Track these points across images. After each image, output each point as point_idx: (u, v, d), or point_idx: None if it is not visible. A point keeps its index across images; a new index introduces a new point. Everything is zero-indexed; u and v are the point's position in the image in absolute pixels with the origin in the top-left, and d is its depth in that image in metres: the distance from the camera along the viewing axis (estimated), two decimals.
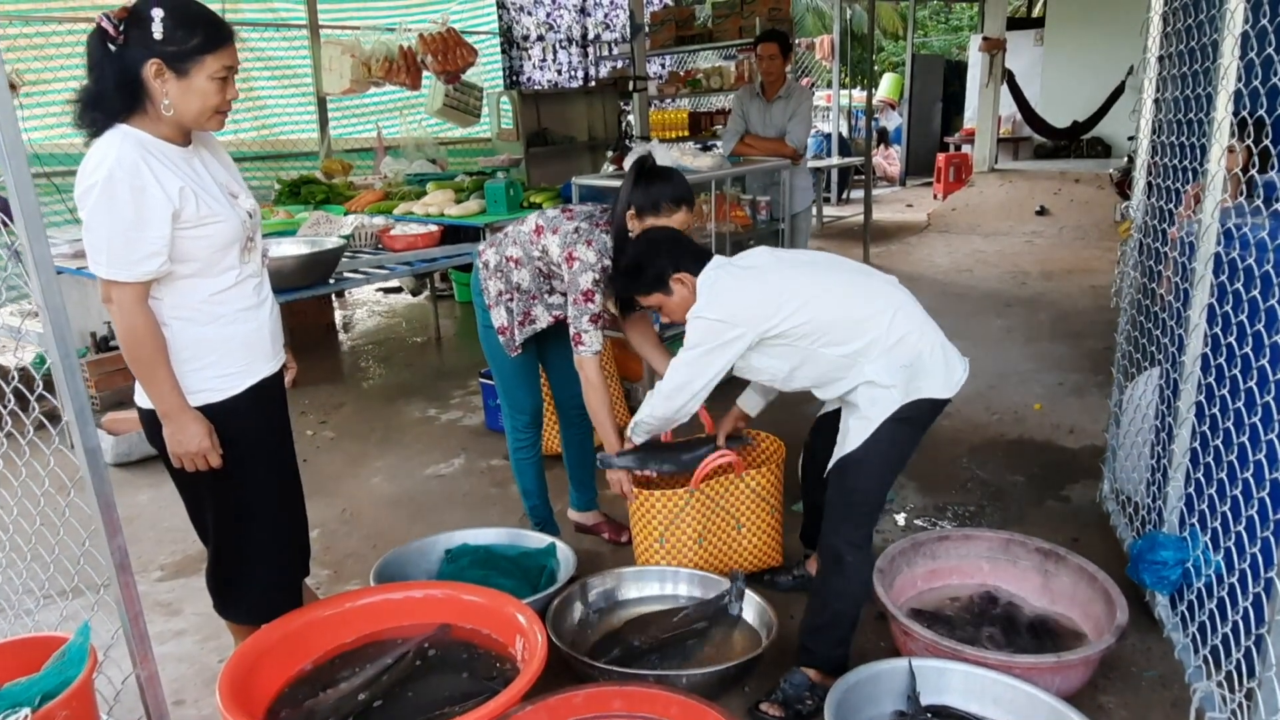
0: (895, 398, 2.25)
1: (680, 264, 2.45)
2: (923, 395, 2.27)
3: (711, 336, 2.32)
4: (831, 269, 2.46)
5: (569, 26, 10.01)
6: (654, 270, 2.47)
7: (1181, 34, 2.45)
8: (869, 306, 2.30)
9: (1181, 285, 2.31)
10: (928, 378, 2.28)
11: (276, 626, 2.32)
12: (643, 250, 2.54)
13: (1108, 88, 10.25)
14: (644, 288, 2.52)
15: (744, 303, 2.32)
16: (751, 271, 2.40)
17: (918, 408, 2.28)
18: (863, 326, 2.27)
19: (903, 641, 2.48)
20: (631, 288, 2.58)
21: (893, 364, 2.26)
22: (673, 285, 2.46)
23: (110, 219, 1.84)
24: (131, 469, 4.19)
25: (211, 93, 1.92)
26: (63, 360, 1.71)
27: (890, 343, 2.26)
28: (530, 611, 2.31)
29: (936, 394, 2.29)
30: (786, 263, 2.44)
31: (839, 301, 2.32)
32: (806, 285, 2.33)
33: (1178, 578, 2.27)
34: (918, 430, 2.37)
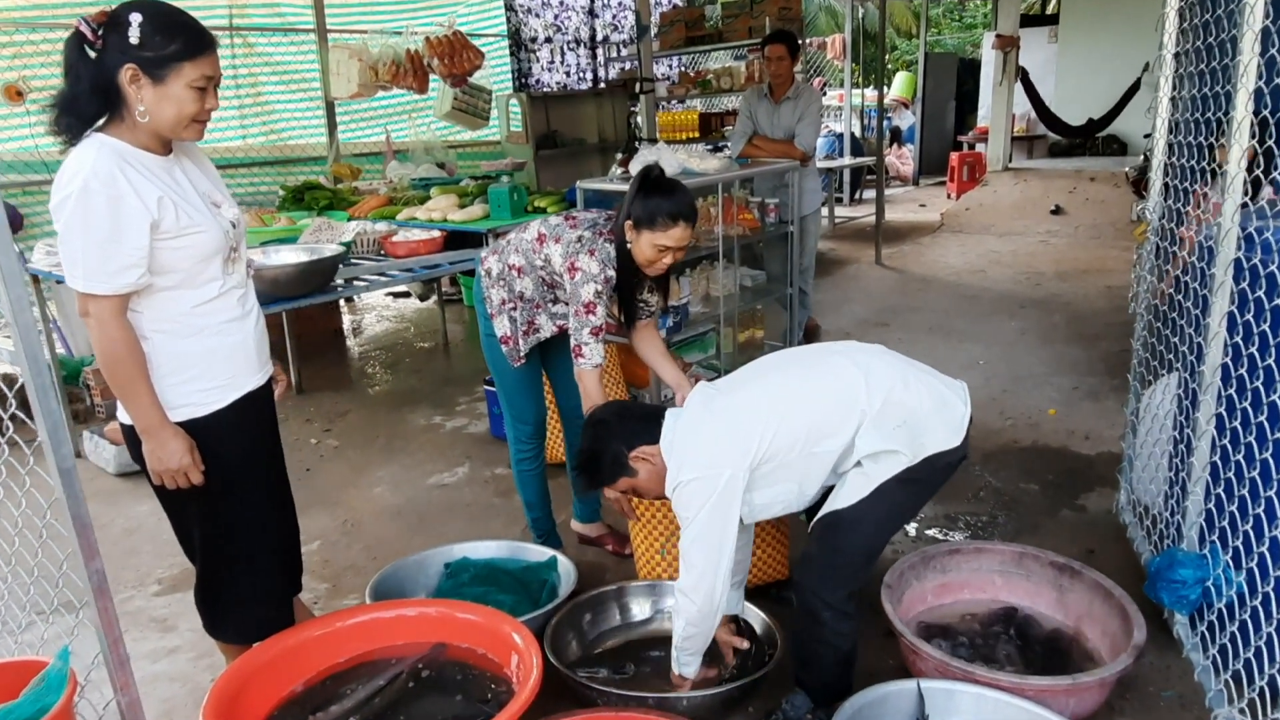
0: (902, 461, 2.09)
1: (634, 439, 2.27)
2: (929, 452, 2.11)
3: (705, 493, 2.09)
4: (778, 369, 2.30)
5: (577, 28, 9.96)
6: (610, 455, 2.29)
7: (1199, 30, 2.36)
8: (837, 386, 2.16)
9: (1201, 291, 2.22)
10: (928, 431, 2.12)
11: (266, 647, 2.27)
12: (590, 439, 2.35)
13: (1123, 85, 10.12)
14: (607, 478, 2.33)
15: (715, 442, 2.13)
16: (704, 411, 2.22)
17: (928, 467, 2.13)
18: (842, 409, 2.12)
19: (911, 660, 2.40)
20: (595, 483, 2.38)
21: (886, 428, 2.10)
22: (634, 465, 2.28)
23: (86, 230, 1.79)
24: (134, 479, 4.14)
25: (188, 101, 1.86)
26: (35, 379, 1.66)
27: (875, 410, 2.10)
28: (527, 631, 2.24)
29: (943, 445, 2.13)
30: (731, 387, 2.28)
31: (803, 397, 2.17)
32: (766, 395, 2.19)
33: (1197, 597, 2.18)
34: (924, 491, 2.23)
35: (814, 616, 2.19)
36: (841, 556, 2.18)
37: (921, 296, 6.96)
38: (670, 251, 2.60)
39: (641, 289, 2.83)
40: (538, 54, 9.60)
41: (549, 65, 9.73)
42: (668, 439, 2.22)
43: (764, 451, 2.10)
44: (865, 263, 8.28)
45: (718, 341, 4.99)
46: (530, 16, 9.45)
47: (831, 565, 2.18)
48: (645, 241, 2.59)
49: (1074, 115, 10.56)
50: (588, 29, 10.02)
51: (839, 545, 2.17)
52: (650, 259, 2.62)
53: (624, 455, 2.27)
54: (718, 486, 2.07)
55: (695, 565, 2.15)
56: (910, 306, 6.66)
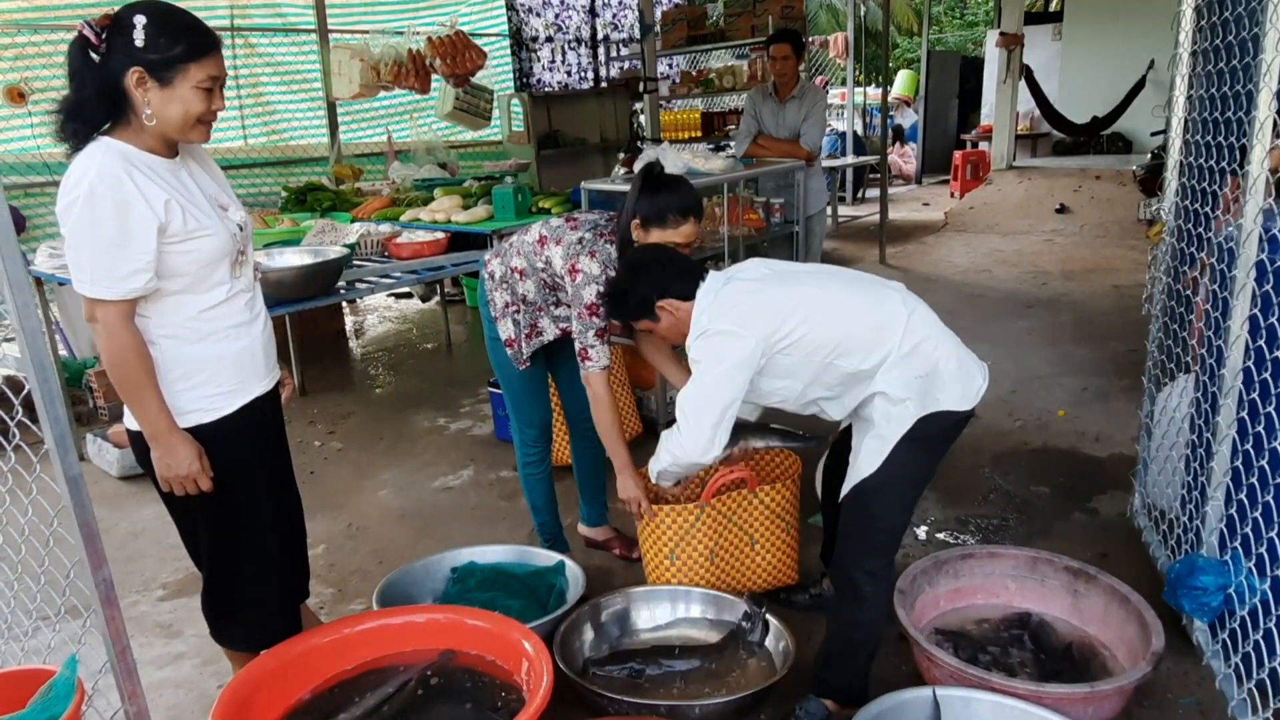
0: (911, 411, 2.11)
1: (666, 289, 2.33)
2: (940, 408, 2.12)
3: (722, 353, 2.16)
4: (836, 277, 2.32)
5: (578, 27, 9.93)
6: (637, 297, 2.38)
7: (1218, 28, 2.32)
8: (879, 313, 2.17)
9: (1220, 294, 2.18)
10: (944, 389, 2.13)
11: (273, 654, 2.24)
12: (626, 275, 2.45)
13: (1128, 82, 10.08)
14: (629, 314, 2.44)
15: (752, 312, 2.18)
16: (753, 283, 2.26)
17: (936, 423, 2.14)
18: (875, 335, 2.14)
19: (926, 667, 2.37)
20: (617, 314, 2.51)
21: (908, 375, 2.12)
22: (659, 312, 2.35)
23: (93, 235, 1.76)
24: (138, 482, 4.12)
25: (195, 102, 1.84)
26: (41, 386, 1.63)
27: (904, 351, 2.12)
28: (537, 639, 2.21)
29: (954, 406, 2.14)
30: (788, 273, 2.32)
31: (848, 309, 2.19)
32: (813, 293, 2.21)
33: (1219, 604, 2.15)
34: (938, 449, 2.24)
35: (855, 592, 2.21)
36: (877, 522, 2.20)
37: (927, 296, 6.74)
38: (680, 247, 2.58)
39: None
40: (539, 53, 9.56)
41: (550, 65, 9.70)
42: (709, 292, 2.26)
43: (792, 340, 2.14)
44: (869, 262, 8.25)
45: None
46: (531, 16, 9.41)
47: (869, 532, 2.21)
48: (654, 239, 2.57)
49: (1078, 113, 10.52)
50: (589, 28, 9.98)
51: (873, 513, 2.19)
52: None
53: (651, 300, 2.34)
54: (735, 349, 2.14)
55: (693, 420, 2.24)
56: None
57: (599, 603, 2.72)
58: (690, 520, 2.70)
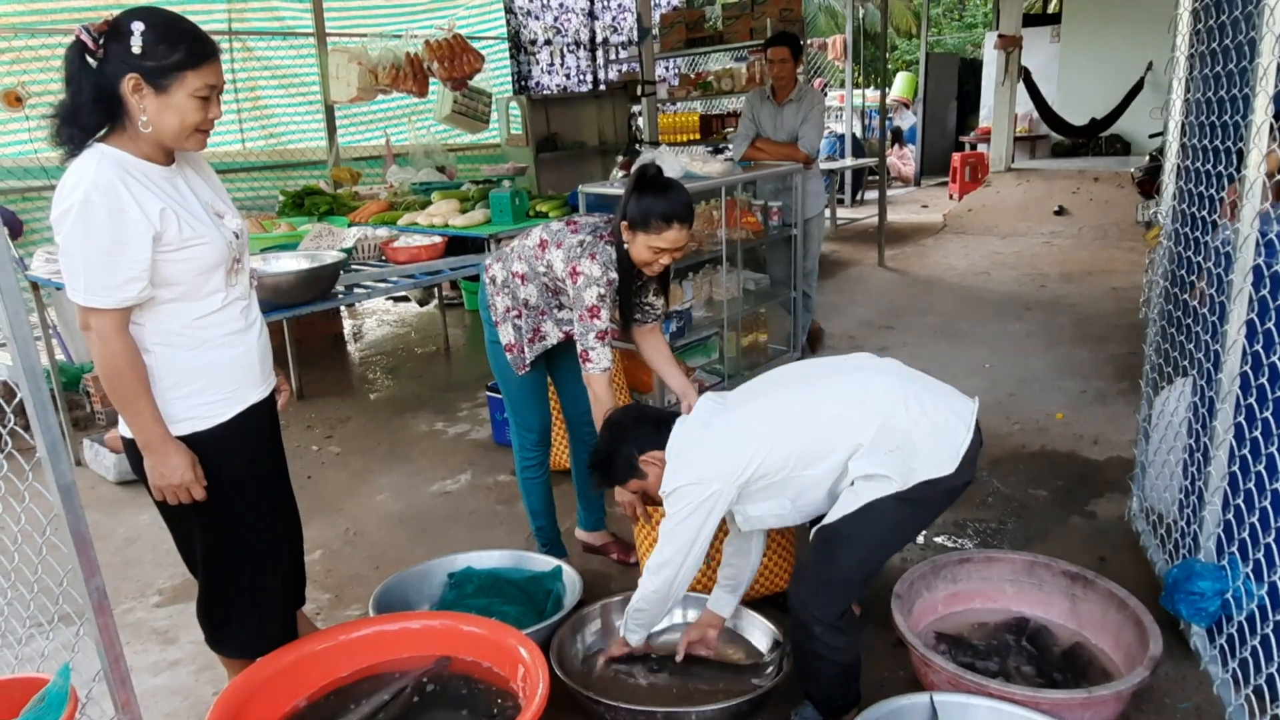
0: (893, 485, 2.07)
1: (645, 443, 2.35)
2: (919, 478, 2.07)
3: (690, 502, 2.16)
4: (780, 387, 2.31)
5: (576, 30, 9.93)
6: (622, 458, 2.38)
7: (1215, 31, 2.32)
8: (833, 408, 2.17)
9: (1218, 298, 2.18)
10: (920, 457, 2.08)
11: (268, 662, 2.24)
12: (606, 440, 2.45)
13: (1126, 84, 10.09)
14: (620, 478, 2.43)
15: (707, 459, 2.18)
16: (705, 423, 2.27)
17: (925, 490, 2.09)
18: (835, 433, 2.13)
19: (924, 673, 2.36)
20: (607, 482, 2.49)
21: (878, 452, 2.08)
22: (644, 468, 2.35)
23: (87, 243, 1.76)
24: (134, 487, 4.11)
25: (191, 110, 1.83)
26: (33, 394, 1.62)
27: (870, 435, 2.09)
28: (534, 646, 2.21)
29: (936, 472, 2.08)
30: (735, 402, 2.32)
31: (802, 416, 2.19)
32: (759, 419, 2.21)
33: (1216, 609, 2.15)
34: (923, 513, 2.19)
35: (805, 629, 2.19)
36: (834, 571, 2.15)
37: (926, 299, 6.92)
38: (666, 252, 2.56)
39: (646, 292, 2.79)
40: (537, 56, 9.56)
41: (549, 68, 9.70)
42: (673, 446, 2.28)
43: (753, 471, 2.14)
44: (868, 264, 8.25)
45: (720, 346, 4.96)
46: (530, 19, 9.41)
47: (824, 580, 2.16)
48: (641, 243, 2.55)
49: (1076, 115, 10.52)
50: (587, 31, 9.98)
51: (833, 560, 2.15)
52: (646, 260, 2.59)
53: (635, 458, 2.36)
54: (701, 497, 2.15)
55: (664, 553, 2.25)
56: (915, 309, 6.62)
57: (595, 608, 2.71)
58: None
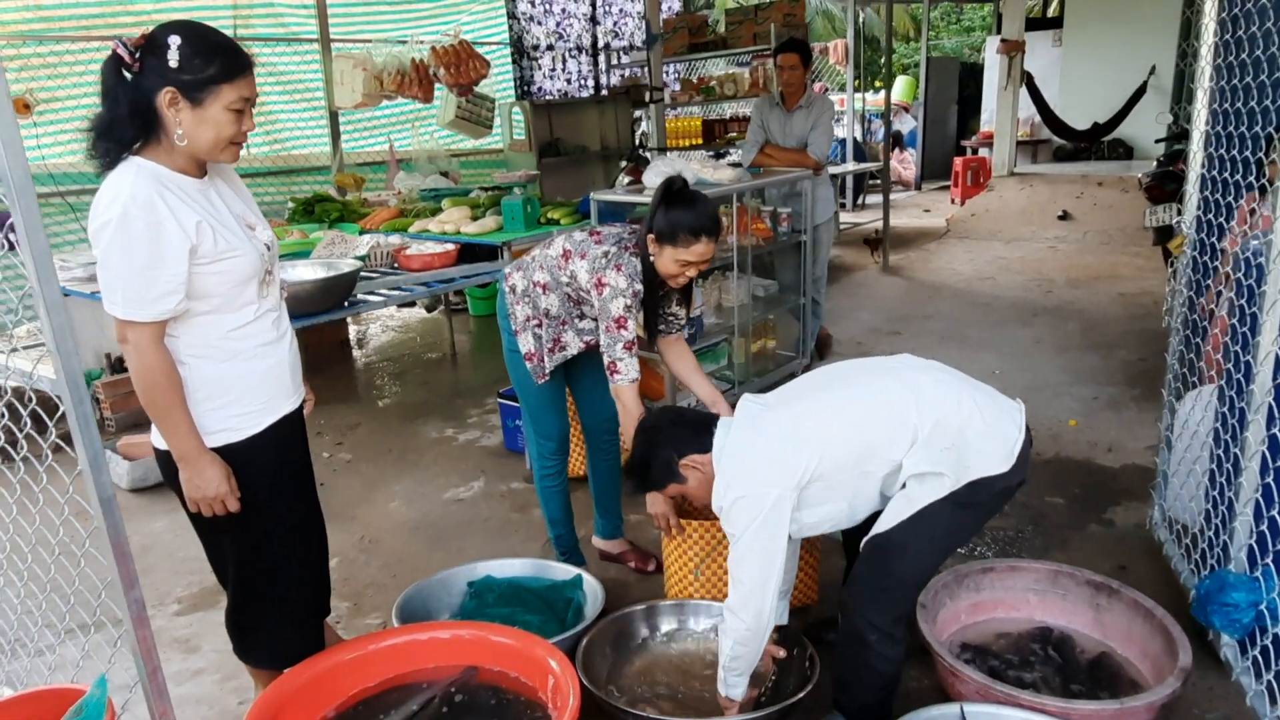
0: (946, 484, 2.05)
1: (684, 447, 2.28)
2: (973, 476, 2.04)
3: (752, 512, 2.07)
4: (832, 386, 2.26)
5: (579, 35, 9.92)
6: (660, 463, 2.31)
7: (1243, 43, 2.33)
8: (888, 407, 2.12)
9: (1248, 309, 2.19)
10: (976, 455, 2.05)
11: (298, 672, 2.24)
12: (642, 444, 2.38)
13: (1129, 89, 10.11)
14: (655, 483, 2.38)
15: (764, 463, 2.11)
16: (754, 426, 2.20)
17: (979, 491, 2.06)
18: (893, 430, 2.08)
19: (950, 683, 2.36)
20: (642, 487, 2.45)
21: (933, 450, 2.05)
22: (685, 472, 2.29)
23: (126, 257, 1.76)
24: (147, 495, 4.11)
25: (226, 124, 1.84)
26: (76, 408, 1.62)
27: (925, 433, 2.05)
28: (563, 657, 2.21)
29: (992, 470, 2.05)
30: (780, 403, 2.26)
31: (857, 416, 2.14)
32: (816, 415, 2.16)
33: (1250, 621, 2.15)
34: (978, 516, 2.17)
35: (860, 639, 2.16)
36: (890, 579, 2.13)
37: (932, 304, 6.93)
38: (693, 265, 2.58)
39: (669, 302, 2.80)
40: (540, 61, 9.56)
41: (551, 73, 9.69)
42: (718, 451, 2.21)
43: (812, 472, 2.08)
44: (872, 269, 8.26)
45: (730, 352, 4.96)
46: (532, 24, 9.41)
47: (880, 588, 2.14)
48: (668, 256, 2.57)
49: (1079, 119, 10.54)
50: (589, 36, 9.98)
51: (889, 568, 2.12)
52: (673, 273, 2.61)
53: (674, 462, 2.29)
54: (765, 506, 2.06)
55: (743, 583, 2.13)
56: (921, 314, 6.63)
57: (619, 617, 2.71)
58: (718, 537, 2.69)
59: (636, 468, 2.39)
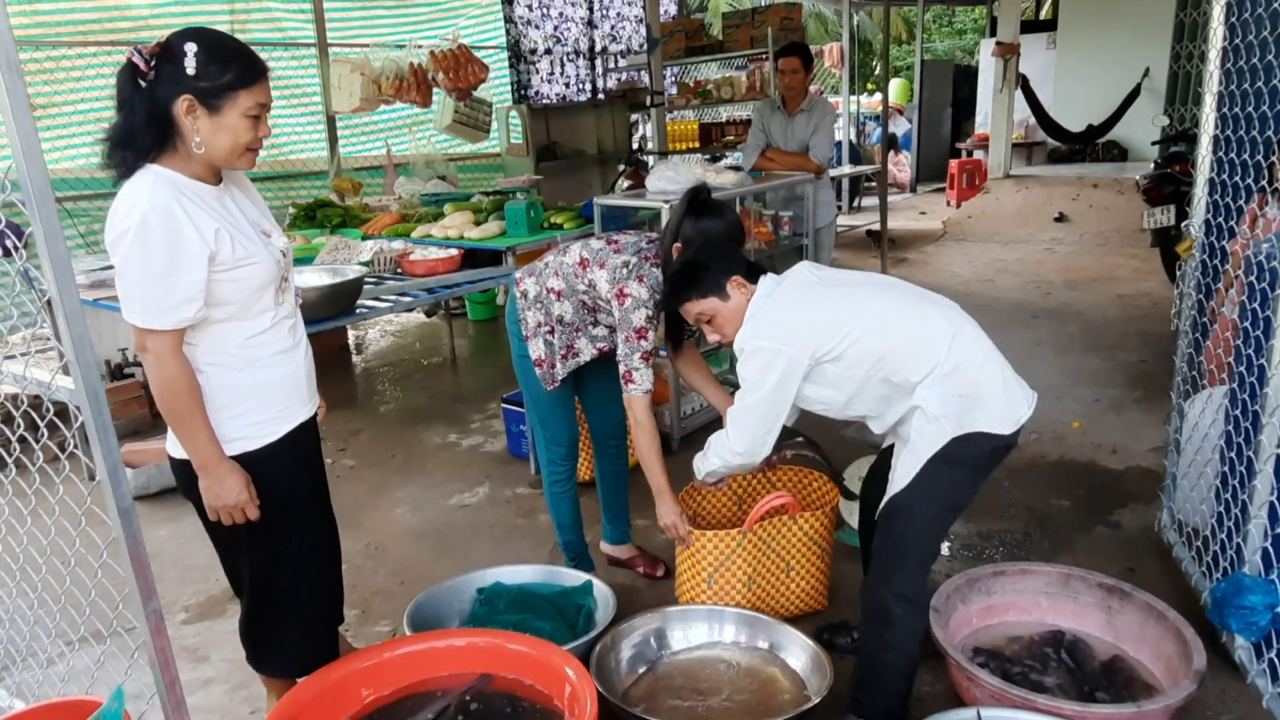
0: (946, 430, 2.10)
1: (736, 266, 2.33)
2: (978, 428, 2.10)
3: (768, 368, 2.17)
4: (885, 288, 2.33)
5: (576, 39, 9.92)
6: (716, 268, 2.33)
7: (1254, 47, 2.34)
8: (924, 329, 2.17)
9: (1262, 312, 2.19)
10: (984, 410, 2.11)
11: (313, 681, 2.22)
12: (701, 249, 2.45)
13: (1123, 90, 10.13)
14: (701, 290, 2.35)
15: (795, 325, 2.18)
16: (798, 292, 2.27)
17: (974, 445, 2.11)
18: (919, 351, 2.14)
19: (965, 687, 2.37)
20: (687, 292, 2.39)
21: (947, 393, 2.11)
22: (730, 289, 2.31)
23: (144, 265, 1.75)
24: (150, 502, 4.08)
25: (244, 130, 1.84)
26: (95, 418, 1.61)
27: (946, 370, 2.11)
28: (579, 664, 2.20)
29: (993, 428, 2.11)
30: (835, 281, 2.31)
31: (893, 324, 2.19)
32: (859, 306, 2.21)
33: (1267, 623, 2.16)
34: (974, 474, 2.21)
35: (884, 615, 2.19)
36: (906, 542, 2.19)
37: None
38: None
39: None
40: (537, 65, 9.55)
41: (548, 77, 9.68)
42: (762, 295, 2.27)
43: (836, 353, 2.15)
44: (871, 272, 8.25)
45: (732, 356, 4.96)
46: (530, 28, 9.40)
47: (898, 553, 2.20)
48: None
49: (1073, 121, 10.56)
50: (587, 40, 9.98)
51: (902, 532, 2.19)
52: None
53: (725, 276, 2.30)
54: (781, 364, 2.15)
55: (745, 431, 2.30)
56: None
57: (633, 624, 2.70)
58: (731, 546, 2.69)
59: (686, 271, 2.39)
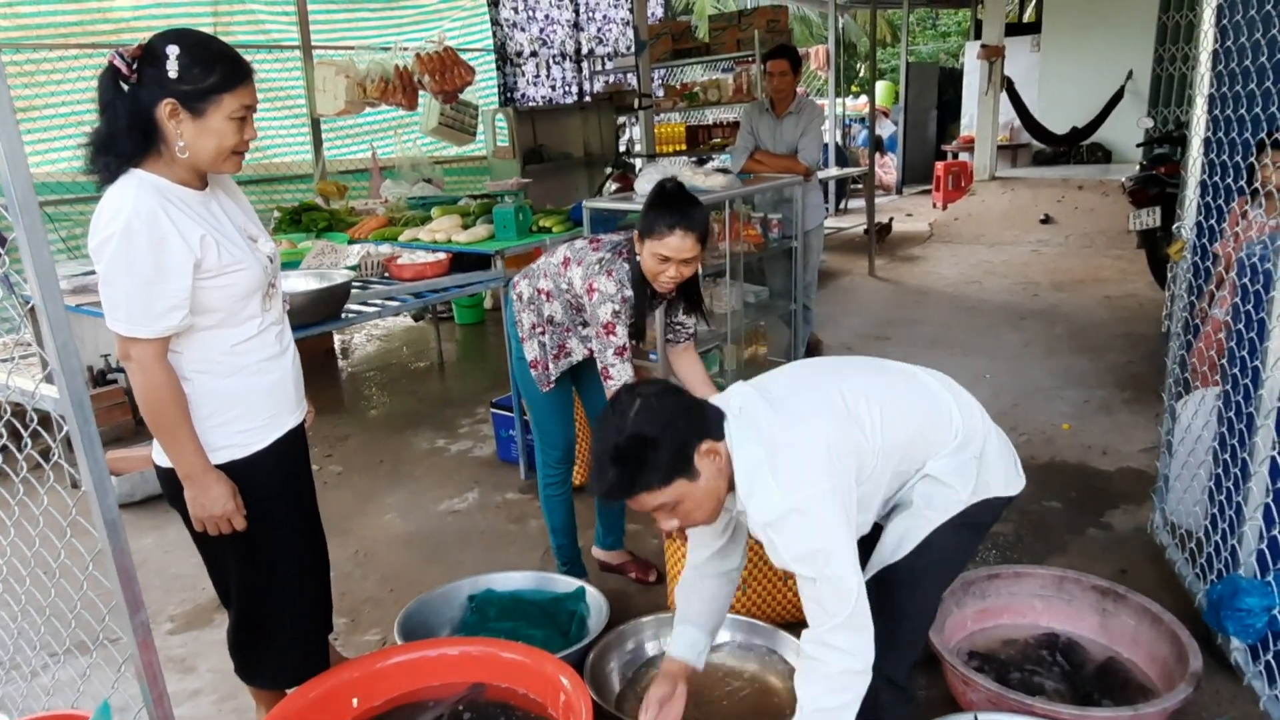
0: (962, 497, 1.83)
1: (703, 429, 1.69)
2: (991, 494, 1.88)
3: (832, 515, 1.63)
4: (862, 370, 1.98)
5: (562, 41, 9.90)
6: (674, 445, 1.65)
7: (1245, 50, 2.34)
8: (932, 400, 1.89)
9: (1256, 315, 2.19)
10: (992, 470, 1.89)
11: (303, 692, 2.19)
12: (642, 420, 1.65)
13: (1106, 93, 10.19)
14: (663, 476, 1.65)
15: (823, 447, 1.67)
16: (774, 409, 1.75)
17: (988, 508, 1.89)
18: (939, 425, 1.86)
19: (961, 691, 2.35)
20: (640, 483, 1.66)
21: (962, 459, 1.84)
22: (699, 463, 1.67)
23: (129, 273, 1.72)
24: (135, 510, 4.03)
25: (228, 133, 1.80)
26: (81, 428, 1.58)
27: (962, 437, 1.85)
28: (574, 674, 2.18)
29: (1003, 490, 1.91)
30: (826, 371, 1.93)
31: (907, 406, 1.86)
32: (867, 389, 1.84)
33: (1263, 626, 2.15)
34: (980, 535, 1.99)
35: (869, 701, 1.77)
36: (905, 621, 1.88)
37: (920, 308, 6.95)
38: (671, 263, 2.49)
39: (676, 311, 2.79)
40: (523, 68, 9.53)
41: (534, 79, 9.66)
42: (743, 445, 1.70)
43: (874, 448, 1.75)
44: (859, 274, 8.27)
45: (721, 359, 4.95)
46: (516, 31, 9.38)
47: (893, 633, 1.81)
48: (646, 251, 2.52)
49: (1058, 124, 10.62)
50: (573, 42, 9.97)
51: (900, 608, 1.85)
52: (653, 270, 2.54)
53: (692, 447, 1.66)
54: (837, 497, 1.64)
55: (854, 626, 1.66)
56: (909, 319, 6.65)
57: (627, 630, 2.68)
58: None
59: (636, 453, 1.64)
